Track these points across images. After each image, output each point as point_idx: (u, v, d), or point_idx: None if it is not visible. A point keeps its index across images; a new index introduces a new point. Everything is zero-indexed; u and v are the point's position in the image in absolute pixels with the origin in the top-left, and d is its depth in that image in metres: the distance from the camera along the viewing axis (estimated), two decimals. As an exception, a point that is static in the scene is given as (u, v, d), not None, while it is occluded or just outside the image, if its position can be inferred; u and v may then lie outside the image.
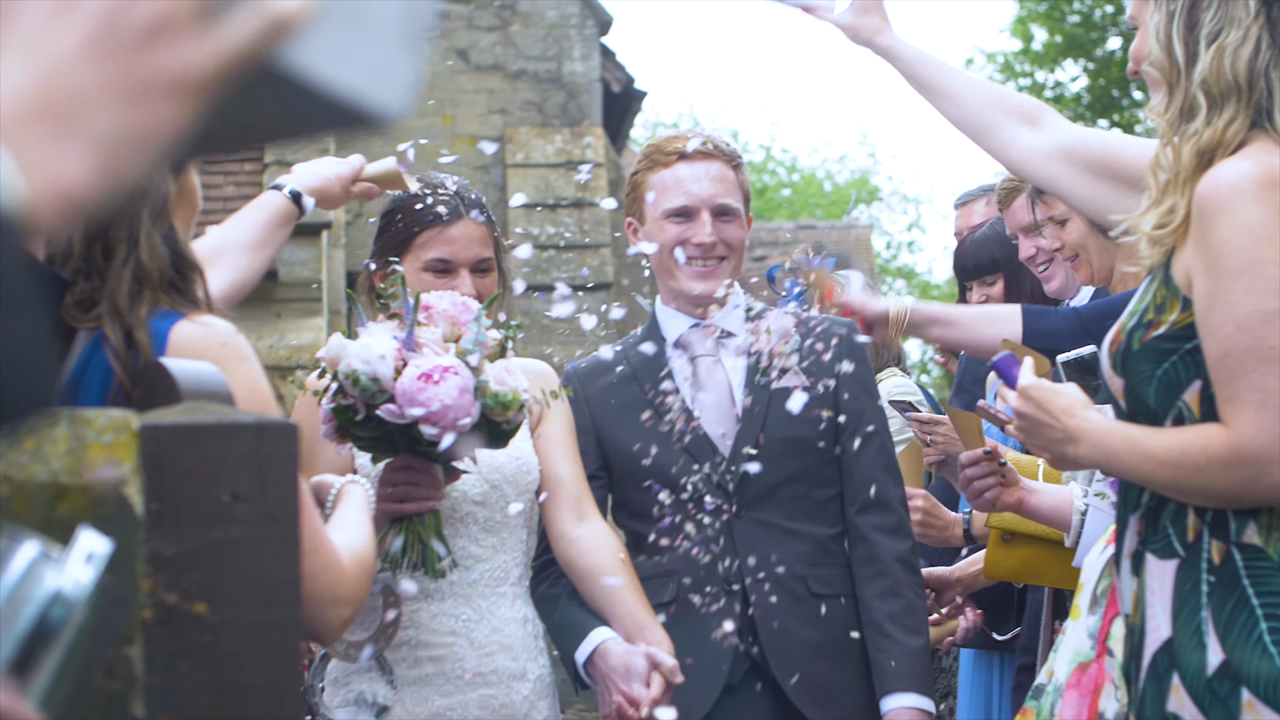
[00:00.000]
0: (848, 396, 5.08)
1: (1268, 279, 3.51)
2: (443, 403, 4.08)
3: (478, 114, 21.23)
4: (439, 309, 4.33)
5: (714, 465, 4.99)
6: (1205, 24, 3.70)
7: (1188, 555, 3.64)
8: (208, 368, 2.30)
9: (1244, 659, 3.52)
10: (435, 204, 4.80)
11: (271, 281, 16.75)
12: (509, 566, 4.71)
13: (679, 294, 5.15)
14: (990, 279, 6.88)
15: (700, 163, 5.13)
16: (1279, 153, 3.62)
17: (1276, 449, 3.49)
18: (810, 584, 4.97)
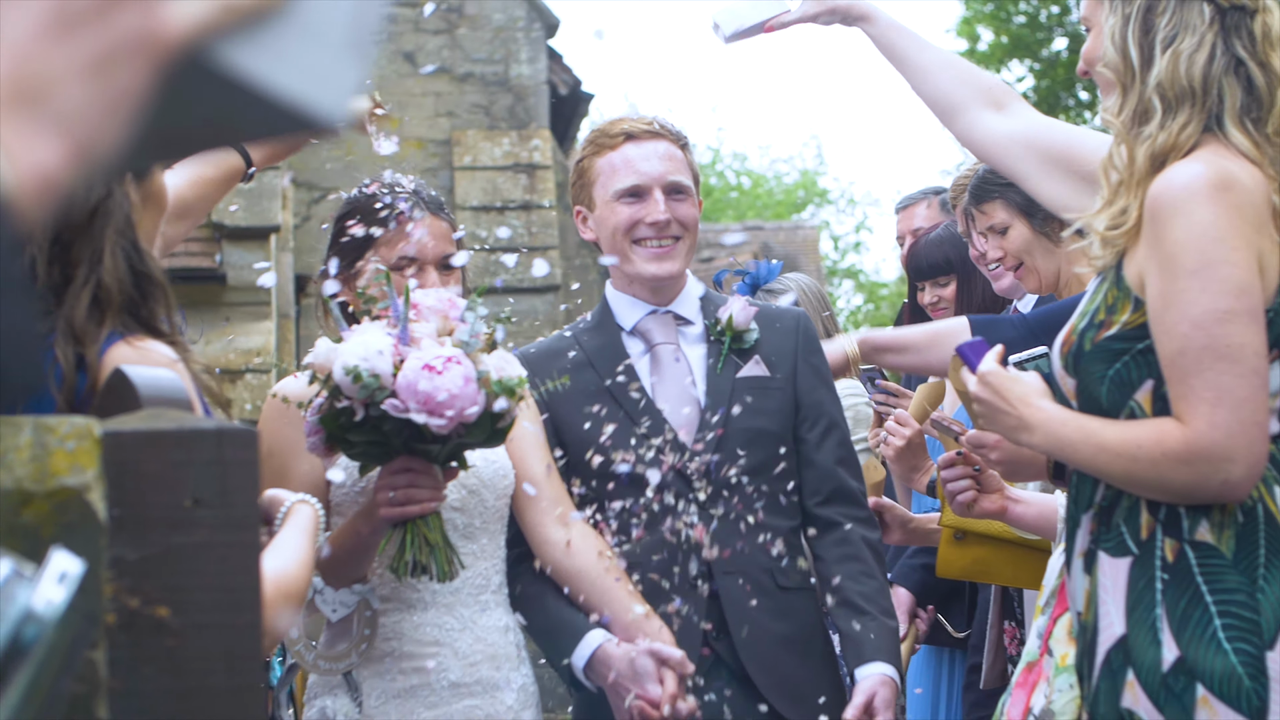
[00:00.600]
0: (807, 386, 5.02)
1: (1222, 279, 3.55)
2: (449, 391, 3.97)
3: (425, 117, 21.22)
4: (427, 305, 4.21)
5: (677, 457, 4.86)
6: (1160, 29, 3.76)
7: (1141, 553, 3.68)
8: (168, 375, 2.31)
9: (1199, 655, 3.56)
10: (395, 203, 4.69)
11: (220, 285, 16.71)
12: (489, 574, 4.62)
13: (634, 278, 5.03)
14: (944, 279, 6.90)
15: (648, 142, 5.01)
16: (1231, 156, 3.68)
17: (1229, 447, 3.53)
18: (777, 576, 4.87)
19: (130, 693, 1.92)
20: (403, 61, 21.73)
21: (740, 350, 5.00)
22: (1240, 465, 3.54)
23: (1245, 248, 3.57)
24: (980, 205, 5.97)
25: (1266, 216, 3.63)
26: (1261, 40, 3.75)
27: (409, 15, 21.40)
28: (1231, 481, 3.55)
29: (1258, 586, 3.57)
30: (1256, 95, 3.73)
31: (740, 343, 4.99)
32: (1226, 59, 3.73)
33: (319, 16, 1.40)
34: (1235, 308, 3.54)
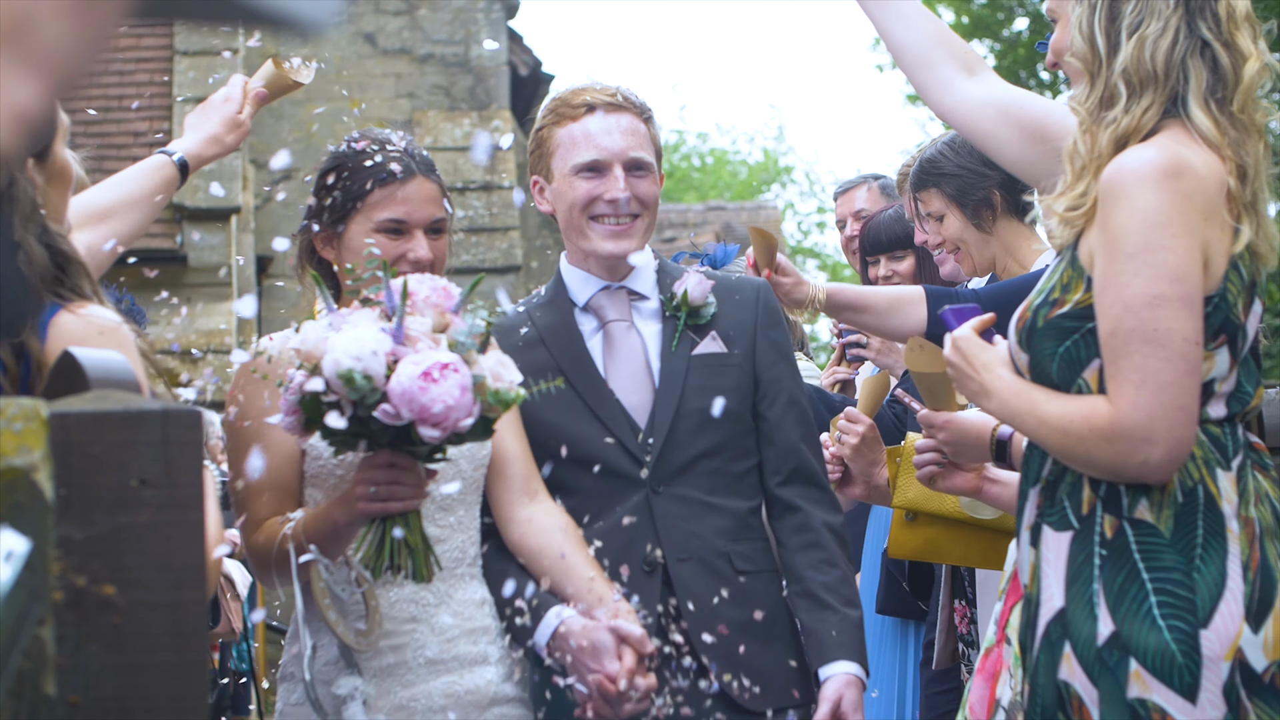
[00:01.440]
0: (766, 362, 4.86)
1: (1158, 264, 3.61)
2: (445, 404, 3.79)
3: (385, 98, 21.21)
4: (421, 296, 3.99)
5: (631, 438, 4.72)
6: (1126, 15, 3.82)
7: (1081, 528, 3.75)
8: (116, 357, 2.35)
9: (1133, 631, 3.63)
10: (387, 161, 4.48)
11: (181, 266, 16.70)
12: (465, 546, 4.47)
13: (589, 255, 4.86)
14: (900, 254, 6.97)
15: (611, 115, 4.82)
16: (1189, 141, 3.75)
17: (1150, 428, 3.60)
18: (734, 560, 4.71)
19: (76, 669, 1.96)
20: (363, 42, 21.71)
21: (697, 326, 4.84)
22: (1160, 447, 3.61)
23: (1187, 235, 3.63)
24: (918, 193, 6.07)
25: (1218, 203, 3.69)
26: (1226, 20, 3.81)
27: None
28: (1151, 463, 3.62)
29: (1194, 566, 3.63)
30: (1222, 75, 3.80)
31: (696, 318, 4.84)
32: (1191, 41, 3.79)
33: None
34: (1168, 293, 3.61)
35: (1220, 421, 3.76)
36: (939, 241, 6.05)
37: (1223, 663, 3.60)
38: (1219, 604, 3.62)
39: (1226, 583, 3.63)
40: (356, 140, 4.58)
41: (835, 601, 4.72)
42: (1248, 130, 3.80)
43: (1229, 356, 3.75)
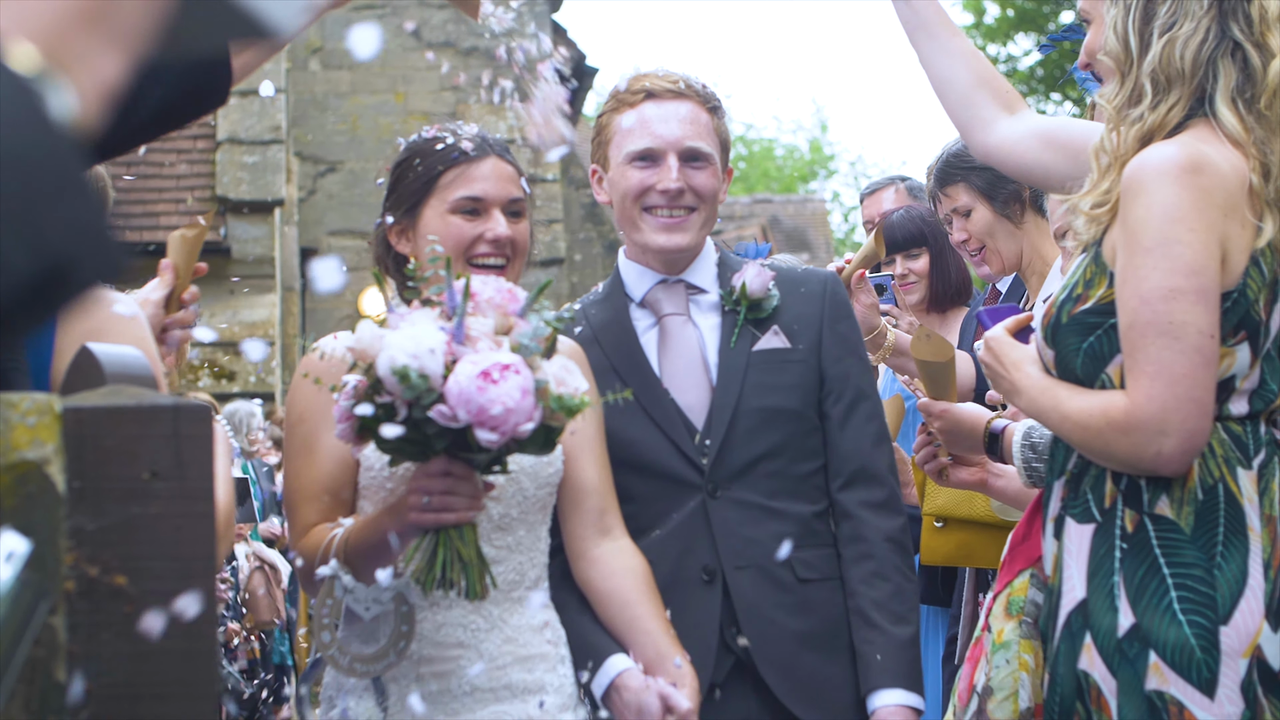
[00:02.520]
0: (832, 357, 4.60)
1: (1175, 257, 3.65)
2: (505, 406, 3.53)
3: (430, 91, 21.31)
4: (484, 297, 3.73)
5: (686, 439, 4.50)
6: (1160, 16, 3.86)
7: (1103, 521, 3.79)
8: (132, 352, 2.39)
9: (1153, 624, 3.66)
10: (458, 142, 4.30)
11: (225, 258, 16.80)
12: (525, 568, 4.15)
13: (643, 247, 4.64)
14: (916, 251, 6.98)
15: (669, 102, 4.60)
16: (1213, 139, 3.79)
17: (1164, 420, 3.64)
18: (796, 568, 4.45)
19: (88, 656, 2.00)
20: (408, 36, 21.79)
21: (758, 320, 4.61)
22: (1173, 438, 3.64)
23: (1205, 230, 3.66)
24: (944, 188, 6.10)
25: (1239, 200, 3.72)
26: (1259, 21, 3.85)
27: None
28: (1164, 454, 3.66)
29: (1215, 563, 3.66)
30: (1252, 75, 3.83)
31: (757, 311, 4.60)
32: (1223, 42, 3.83)
33: None
34: (1183, 286, 3.64)
35: (1242, 419, 3.79)
36: (964, 238, 6.08)
37: (1241, 659, 3.63)
38: (1239, 601, 3.65)
39: (1248, 580, 3.66)
40: (428, 131, 4.43)
41: (883, 620, 4.44)
42: (1274, 129, 3.83)
43: (1250, 353, 3.77)
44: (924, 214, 6.92)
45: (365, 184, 21.34)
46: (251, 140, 17.40)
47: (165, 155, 17.60)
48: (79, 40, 1.32)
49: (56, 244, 1.31)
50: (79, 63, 1.32)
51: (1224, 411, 3.77)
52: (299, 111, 21.08)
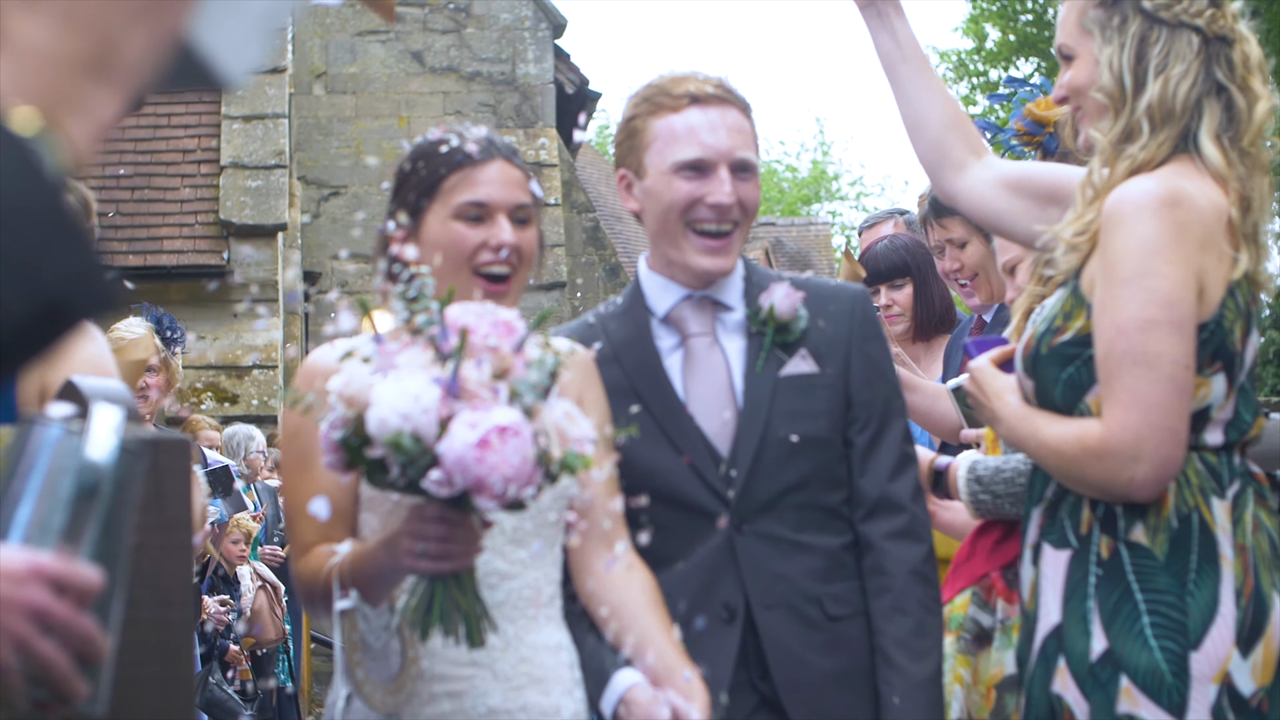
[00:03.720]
0: (860, 381, 4.32)
1: (1152, 289, 3.73)
2: (504, 476, 3.26)
3: (433, 116, 21.35)
4: (479, 336, 3.43)
5: (711, 468, 4.23)
6: (1153, 57, 3.96)
7: (1079, 547, 3.88)
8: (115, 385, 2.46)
9: (1125, 649, 3.74)
10: (463, 144, 4.06)
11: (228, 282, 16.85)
12: (540, 584, 3.93)
13: (682, 267, 4.32)
14: (899, 282, 7.00)
15: (715, 108, 4.27)
16: (1193, 174, 3.89)
17: (1137, 447, 3.72)
18: (825, 605, 4.19)
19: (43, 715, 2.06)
20: (411, 60, 21.87)
21: (785, 343, 4.32)
22: (1145, 465, 3.73)
23: (1181, 262, 3.75)
24: (940, 219, 6.15)
25: (1216, 233, 3.81)
26: (1241, 66, 3.97)
27: (417, 15, 21.52)
28: (1137, 480, 3.74)
29: (1188, 590, 3.75)
30: (1236, 116, 3.95)
31: (785, 334, 4.32)
32: (1207, 84, 3.94)
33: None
34: (1159, 317, 3.72)
35: (1218, 449, 3.87)
36: (958, 268, 6.15)
37: (1211, 684, 3.70)
38: (1210, 628, 3.72)
39: (1219, 608, 3.73)
40: (432, 133, 4.16)
41: (902, 658, 4.16)
42: (1255, 166, 3.93)
43: (1225, 383, 3.85)
44: (908, 243, 6.95)
45: (369, 208, 21.41)
46: (255, 165, 17.47)
47: (169, 180, 17.67)
48: (81, 86, 1.39)
49: (51, 285, 1.38)
50: (81, 107, 1.39)
51: (1200, 441, 3.85)
52: (303, 136, 21.17)
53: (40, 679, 1.88)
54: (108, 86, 1.40)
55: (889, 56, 4.53)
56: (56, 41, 1.37)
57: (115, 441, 1.95)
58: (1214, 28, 3.97)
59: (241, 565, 11.68)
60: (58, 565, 1.82)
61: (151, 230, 17.01)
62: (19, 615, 1.80)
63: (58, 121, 1.37)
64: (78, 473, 1.91)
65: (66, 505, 1.89)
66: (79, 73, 1.38)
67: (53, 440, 1.93)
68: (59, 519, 1.88)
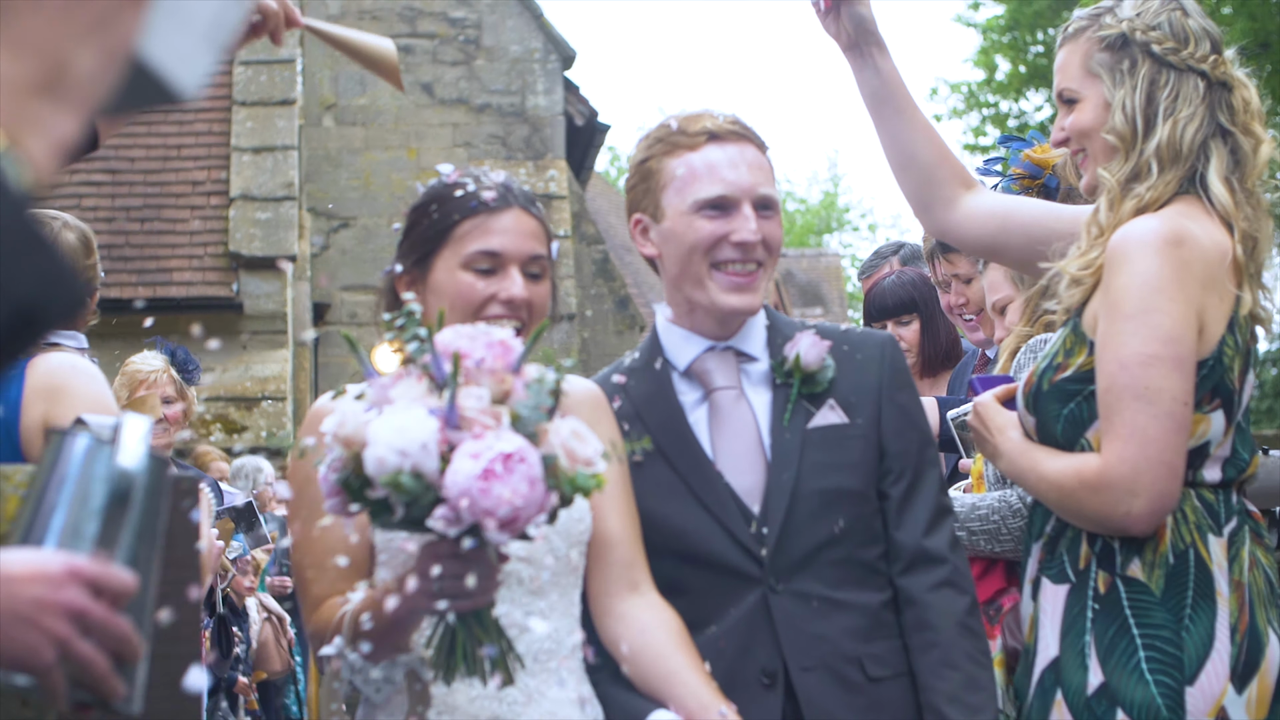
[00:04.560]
0: (893, 431, 4.14)
1: (1154, 325, 3.79)
2: (512, 505, 3.08)
3: (442, 147, 21.39)
4: (475, 359, 3.25)
5: (742, 527, 4.02)
6: (1162, 100, 4.04)
7: (1077, 581, 3.93)
8: (127, 423, 2.50)
9: (1121, 683, 3.79)
10: (479, 190, 3.88)
11: (237, 314, 16.89)
12: (561, 635, 3.74)
13: (708, 309, 4.14)
14: (906, 318, 7.01)
15: (734, 145, 4.13)
16: (1198, 214, 3.97)
17: (1135, 481, 3.78)
18: (866, 665, 3.97)
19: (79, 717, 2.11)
20: (420, 92, 21.93)
21: (812, 394, 4.15)
22: (1142, 499, 3.79)
23: (1183, 300, 3.81)
24: (947, 254, 6.18)
25: (1219, 272, 3.88)
26: (1242, 111, 4.06)
27: (427, 46, 21.60)
28: (1134, 514, 3.80)
29: (1183, 625, 3.80)
30: (1241, 159, 4.04)
31: (812, 385, 4.15)
32: (1212, 127, 4.03)
33: (190, 6, 1.63)
34: (1160, 353, 3.77)
35: (1215, 486, 3.92)
36: (963, 303, 6.18)
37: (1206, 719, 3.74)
38: (1205, 663, 3.77)
39: (1214, 643, 3.78)
40: (449, 175, 3.98)
41: (956, 714, 3.92)
42: (1258, 207, 4.00)
43: (1224, 420, 3.90)
44: (914, 279, 6.96)
45: (378, 239, 21.45)
46: (264, 196, 17.52)
47: (178, 211, 17.70)
48: (36, 106, 1.43)
49: (20, 294, 1.43)
50: (38, 126, 1.43)
51: (1198, 478, 3.91)
52: (312, 167, 21.22)
53: (80, 680, 1.94)
54: (63, 105, 1.44)
55: (875, 94, 4.52)
56: (8, 66, 1.41)
57: (145, 449, 2.02)
58: (1216, 73, 4.05)
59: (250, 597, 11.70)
60: (94, 567, 1.89)
61: (161, 262, 17.05)
62: (58, 616, 1.86)
63: (17, 141, 1.41)
64: (110, 480, 1.98)
65: (99, 512, 1.97)
66: (33, 94, 1.42)
67: (83, 450, 2.00)
68: (92, 525, 1.96)
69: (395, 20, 22.00)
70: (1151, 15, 4.08)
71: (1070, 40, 4.21)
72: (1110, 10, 4.14)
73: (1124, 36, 4.07)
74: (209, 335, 16.07)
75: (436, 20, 21.93)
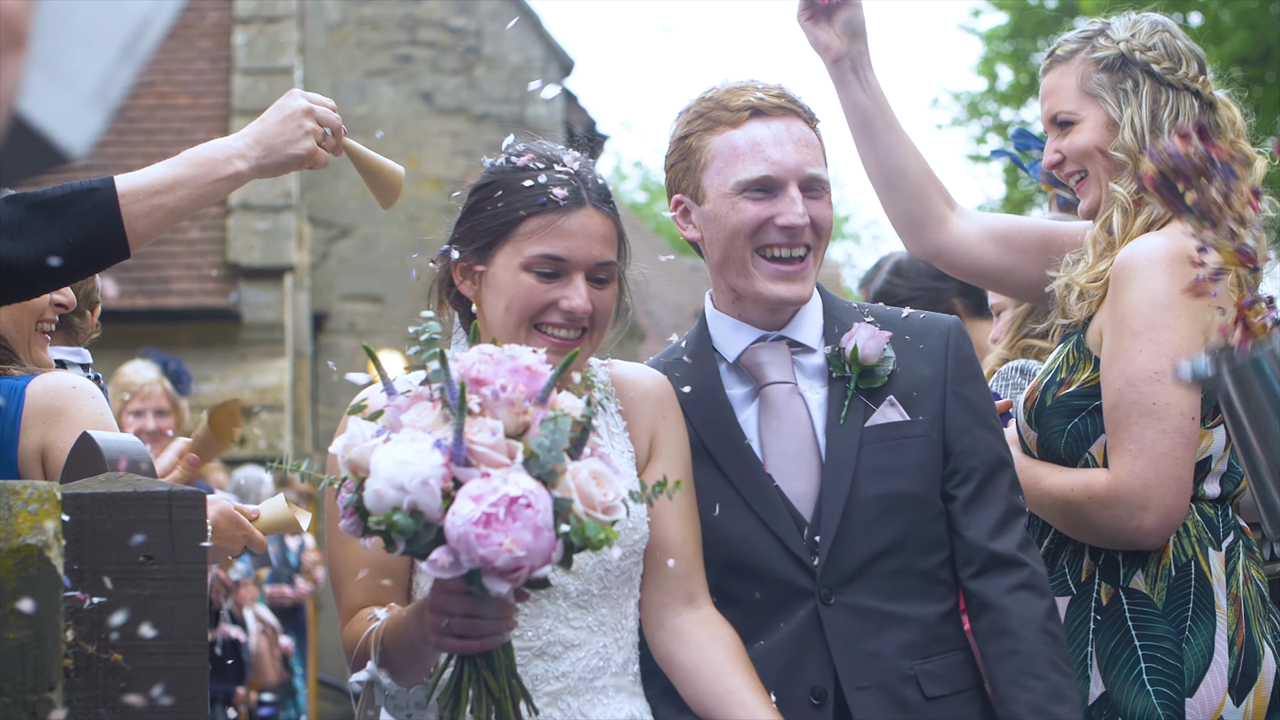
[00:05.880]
0: (958, 428, 3.87)
1: (1162, 342, 3.82)
2: (513, 555, 2.84)
3: (442, 156, 21.41)
4: (496, 386, 2.99)
5: (794, 535, 3.77)
6: (1165, 119, 4.08)
7: (1079, 593, 3.96)
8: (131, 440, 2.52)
9: (1123, 694, 3.82)
10: (550, 183, 3.56)
11: (235, 324, 16.89)
12: (610, 651, 3.52)
13: (755, 298, 3.89)
14: None
15: (779, 120, 3.85)
16: None
17: (1145, 495, 3.80)
18: (923, 684, 3.72)
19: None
20: (420, 101, 21.95)
21: (871, 389, 3.88)
22: (1153, 514, 3.81)
23: (1190, 317, 3.84)
24: None
25: (1223, 291, 3.89)
26: (1229, 128, 4.13)
27: (426, 55, 21.60)
28: (1144, 528, 3.82)
29: (1184, 637, 3.83)
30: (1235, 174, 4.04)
31: (870, 379, 3.87)
32: None
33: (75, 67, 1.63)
34: (1168, 370, 3.79)
35: (1214, 501, 3.96)
36: None
37: None
38: (1205, 675, 3.80)
39: (1213, 655, 3.81)
40: (520, 154, 3.66)
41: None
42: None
43: (1225, 436, 3.92)
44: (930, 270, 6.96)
45: (377, 249, 21.45)
46: (263, 206, 17.50)
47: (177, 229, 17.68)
48: None
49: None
50: None
51: (1199, 492, 3.95)
52: (311, 176, 21.22)
53: None
54: None
55: (862, 112, 4.38)
56: None
57: None
58: (1206, 92, 4.08)
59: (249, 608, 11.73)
60: None
61: (160, 271, 17.04)
62: None
63: None
64: None
65: None
66: None
67: None
68: None
69: (395, 29, 22.02)
70: (1145, 36, 4.12)
71: (1061, 63, 4.21)
72: (1101, 33, 4.16)
73: (1123, 57, 4.10)
74: (207, 345, 16.09)
75: (437, 29, 21.95)
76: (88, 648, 2.16)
